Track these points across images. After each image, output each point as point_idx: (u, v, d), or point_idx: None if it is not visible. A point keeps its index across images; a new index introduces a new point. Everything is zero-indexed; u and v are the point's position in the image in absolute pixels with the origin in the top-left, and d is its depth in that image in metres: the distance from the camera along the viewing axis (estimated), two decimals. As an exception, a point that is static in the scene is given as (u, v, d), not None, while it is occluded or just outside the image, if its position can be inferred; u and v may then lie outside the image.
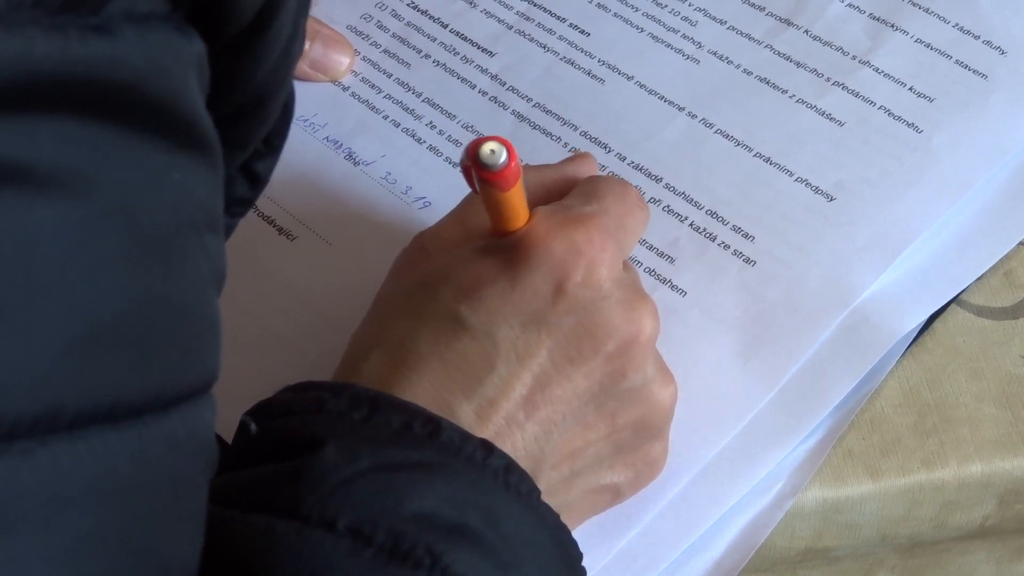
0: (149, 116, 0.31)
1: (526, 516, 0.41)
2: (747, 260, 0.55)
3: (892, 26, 0.63)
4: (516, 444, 0.44)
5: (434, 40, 0.64)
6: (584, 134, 0.60)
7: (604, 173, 0.58)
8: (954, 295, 0.55)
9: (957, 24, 0.63)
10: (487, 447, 0.41)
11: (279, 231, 0.58)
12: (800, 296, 0.54)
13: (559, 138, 0.60)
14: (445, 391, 0.44)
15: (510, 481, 0.41)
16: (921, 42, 0.62)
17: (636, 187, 0.51)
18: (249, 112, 0.38)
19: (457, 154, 0.60)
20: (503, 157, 0.42)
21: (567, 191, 0.49)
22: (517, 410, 0.44)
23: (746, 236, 0.56)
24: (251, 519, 0.38)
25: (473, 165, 0.42)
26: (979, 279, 0.56)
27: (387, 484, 0.39)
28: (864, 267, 0.55)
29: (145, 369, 0.31)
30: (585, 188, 0.49)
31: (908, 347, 0.54)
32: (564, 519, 0.43)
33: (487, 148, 0.42)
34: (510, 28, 0.64)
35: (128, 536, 0.31)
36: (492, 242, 0.46)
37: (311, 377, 0.45)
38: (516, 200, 0.44)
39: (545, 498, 0.42)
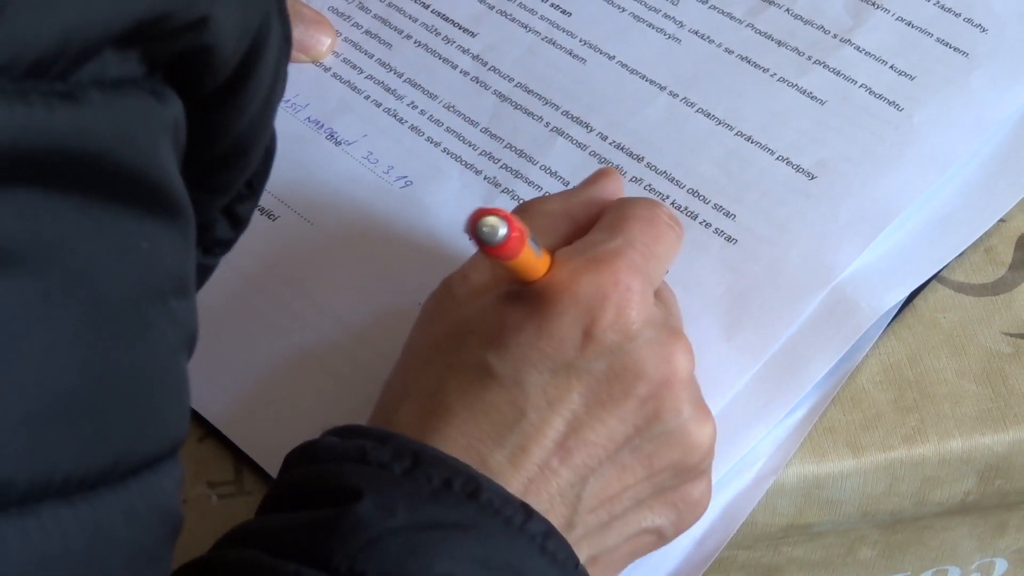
0: (117, 185, 0.30)
1: None
2: (729, 238, 0.55)
3: (873, 4, 0.63)
4: (551, 491, 0.43)
5: (415, 20, 0.64)
6: (566, 113, 0.60)
7: (627, 183, 0.56)
8: (935, 272, 0.55)
9: (938, 2, 0.63)
10: (527, 511, 0.41)
11: (260, 211, 0.57)
12: (781, 274, 0.54)
13: (540, 117, 0.60)
14: (476, 441, 0.43)
15: (547, 547, 0.40)
16: (902, 20, 0.62)
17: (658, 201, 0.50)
18: (231, 160, 0.38)
19: (438, 134, 0.60)
20: (501, 232, 0.40)
21: (595, 215, 0.48)
22: (551, 456, 0.43)
23: (728, 214, 0.56)
24: (281, 565, 0.38)
25: (474, 240, 0.40)
26: (960, 256, 0.56)
27: (419, 543, 0.39)
28: (845, 245, 0.55)
29: (102, 441, 0.30)
30: (610, 219, 0.48)
31: (889, 324, 0.54)
32: (605, 564, 0.43)
33: (484, 225, 0.40)
34: (491, 8, 0.64)
35: None
36: (517, 288, 0.45)
37: (295, 356, 0.45)
38: (527, 260, 0.43)
39: (583, 542, 0.42)
